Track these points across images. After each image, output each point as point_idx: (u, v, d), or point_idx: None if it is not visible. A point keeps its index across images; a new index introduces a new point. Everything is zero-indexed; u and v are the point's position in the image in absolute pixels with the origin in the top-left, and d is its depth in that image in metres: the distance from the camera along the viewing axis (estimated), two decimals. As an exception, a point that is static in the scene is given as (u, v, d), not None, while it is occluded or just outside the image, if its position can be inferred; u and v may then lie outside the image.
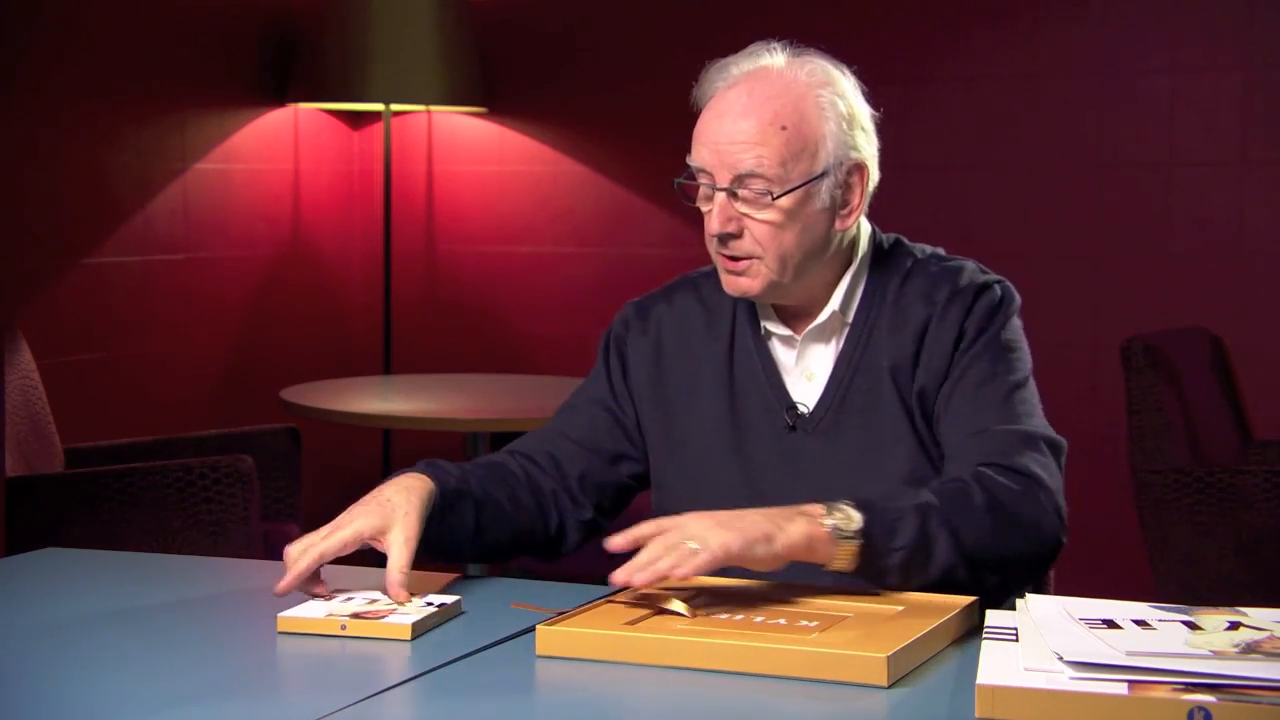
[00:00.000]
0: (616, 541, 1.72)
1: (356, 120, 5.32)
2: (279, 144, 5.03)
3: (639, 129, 4.87)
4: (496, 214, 5.24)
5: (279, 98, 4.98)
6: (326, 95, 4.90)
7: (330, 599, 1.79)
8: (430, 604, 1.75)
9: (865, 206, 2.03)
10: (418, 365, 5.24)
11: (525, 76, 5.14)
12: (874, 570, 1.75)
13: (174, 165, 4.62)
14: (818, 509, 1.74)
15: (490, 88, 5.10)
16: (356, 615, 1.71)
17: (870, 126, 2.03)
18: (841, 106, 1.97)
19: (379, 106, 5.02)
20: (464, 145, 5.26)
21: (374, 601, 1.77)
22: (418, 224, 5.30)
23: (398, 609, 1.73)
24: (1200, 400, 4.04)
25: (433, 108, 5.14)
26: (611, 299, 2.54)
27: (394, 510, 1.84)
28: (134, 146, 4.48)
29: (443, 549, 1.93)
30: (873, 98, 2.06)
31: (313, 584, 1.81)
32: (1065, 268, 4.59)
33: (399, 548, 1.80)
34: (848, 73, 2.02)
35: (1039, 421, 1.95)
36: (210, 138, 4.75)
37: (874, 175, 2.03)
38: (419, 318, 5.29)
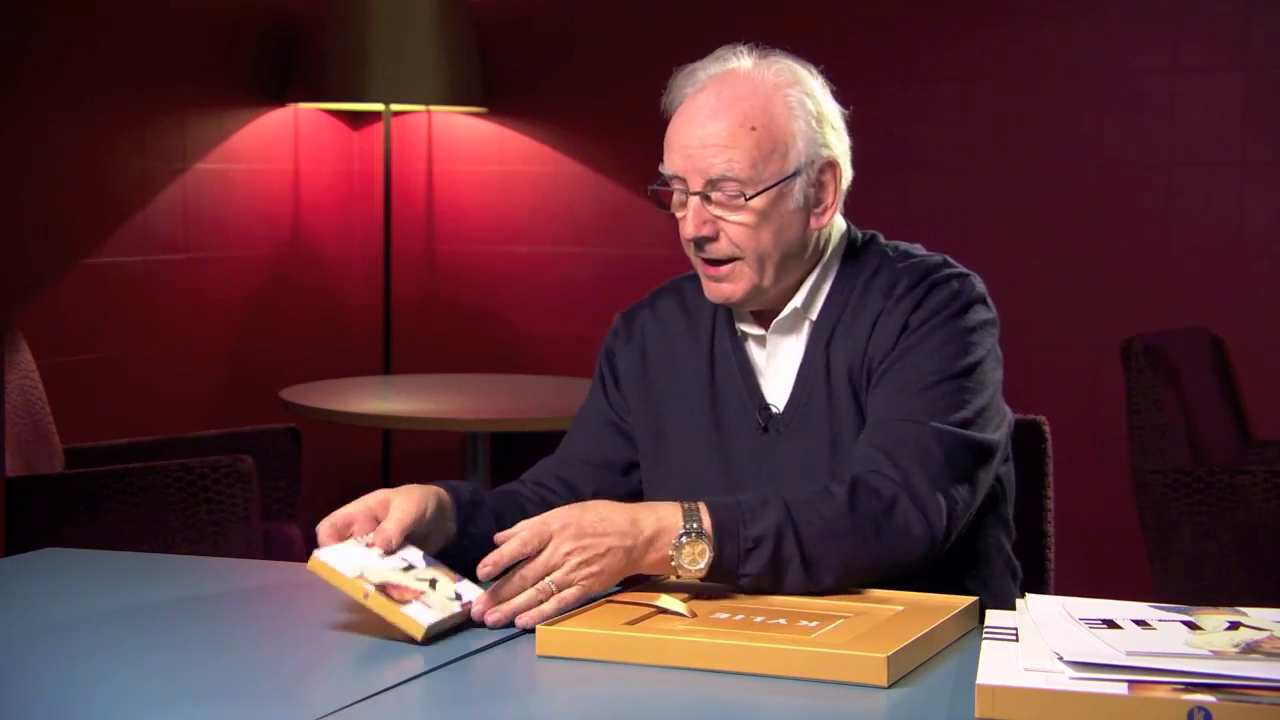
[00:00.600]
0: (486, 570, 1.72)
1: (356, 120, 5.32)
2: (279, 144, 5.03)
3: (639, 129, 4.84)
4: (496, 214, 5.24)
5: (279, 98, 4.98)
6: (326, 95, 4.90)
7: (370, 547, 1.76)
8: (458, 596, 1.73)
9: (839, 205, 2.00)
10: (418, 365, 5.24)
11: (525, 76, 5.14)
12: (723, 581, 1.77)
13: (174, 165, 4.62)
14: (671, 534, 1.73)
15: (490, 88, 5.10)
16: (384, 586, 1.69)
17: (840, 125, 2.00)
18: (810, 105, 1.95)
19: (379, 106, 5.02)
20: (464, 145, 5.26)
21: (409, 569, 1.75)
22: (418, 224, 5.30)
23: (424, 594, 1.70)
24: (1200, 400, 4.04)
25: (433, 108, 5.15)
26: (611, 299, 2.55)
27: (404, 489, 1.85)
28: (134, 146, 4.48)
29: (466, 567, 1.91)
30: (872, 98, 2.06)
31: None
32: (1065, 268, 4.59)
33: (401, 507, 1.80)
34: (815, 72, 1.99)
35: (964, 415, 1.88)
36: (210, 138, 4.75)
37: (847, 173, 2.00)
38: (419, 318, 5.30)
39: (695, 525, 1.74)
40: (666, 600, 1.70)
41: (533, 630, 1.65)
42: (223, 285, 4.82)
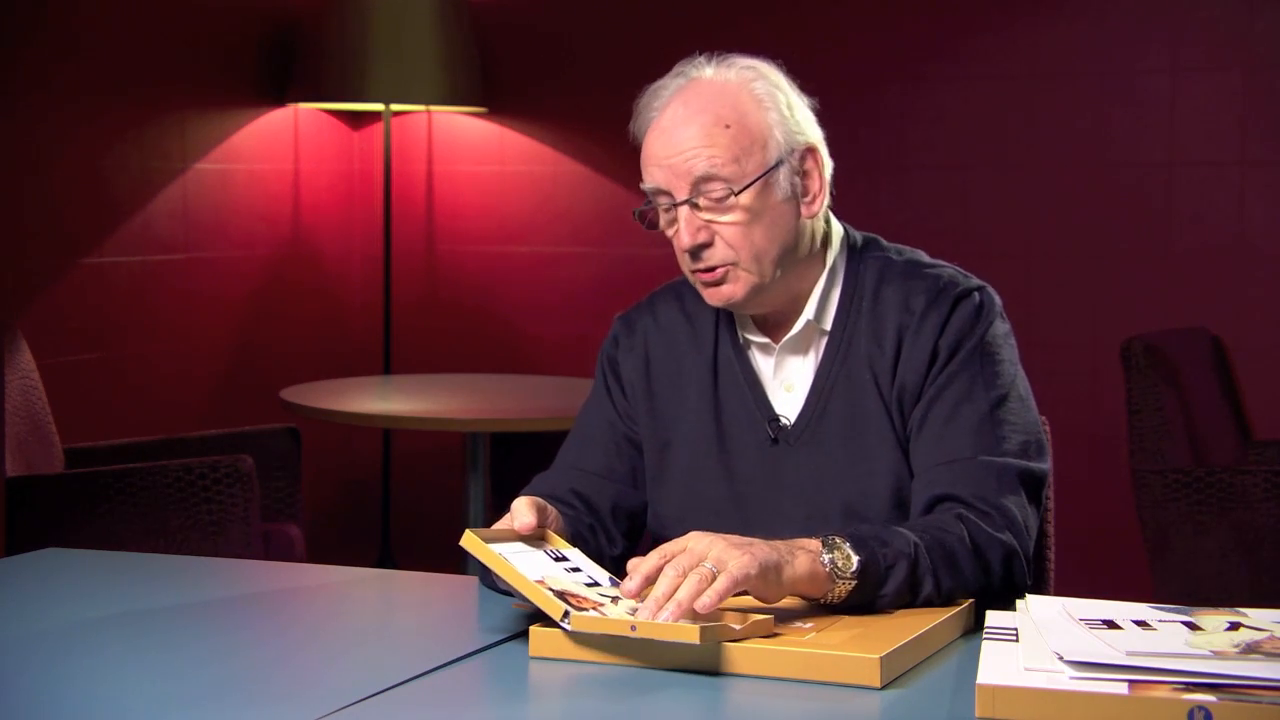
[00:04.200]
0: (630, 588, 1.62)
1: (356, 120, 5.32)
2: (279, 144, 5.03)
3: (639, 129, 4.86)
4: (496, 214, 5.24)
5: (279, 98, 4.98)
6: (326, 95, 4.90)
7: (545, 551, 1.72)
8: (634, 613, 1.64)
9: (827, 193, 1.97)
10: (418, 365, 5.24)
11: (525, 76, 5.14)
12: (861, 606, 1.72)
13: (174, 165, 4.62)
14: (814, 545, 1.69)
15: (490, 88, 5.10)
16: (563, 593, 1.63)
17: (811, 115, 1.98)
18: (780, 95, 1.94)
19: (379, 106, 5.02)
20: (464, 145, 5.26)
21: (593, 585, 1.69)
22: (418, 224, 5.30)
23: (603, 606, 1.63)
24: (1200, 400, 4.04)
25: (433, 108, 5.15)
26: (611, 299, 2.55)
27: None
28: (134, 146, 4.48)
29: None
30: (872, 98, 2.06)
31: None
32: (1065, 268, 4.59)
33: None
34: (776, 67, 1.98)
35: (1020, 442, 1.89)
36: (210, 138, 4.75)
37: (828, 161, 1.98)
38: (419, 318, 5.30)
39: (833, 540, 1.69)
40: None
41: (516, 635, 1.64)
42: (223, 285, 4.82)
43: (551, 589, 1.65)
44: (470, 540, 1.68)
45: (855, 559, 1.68)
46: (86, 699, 1.50)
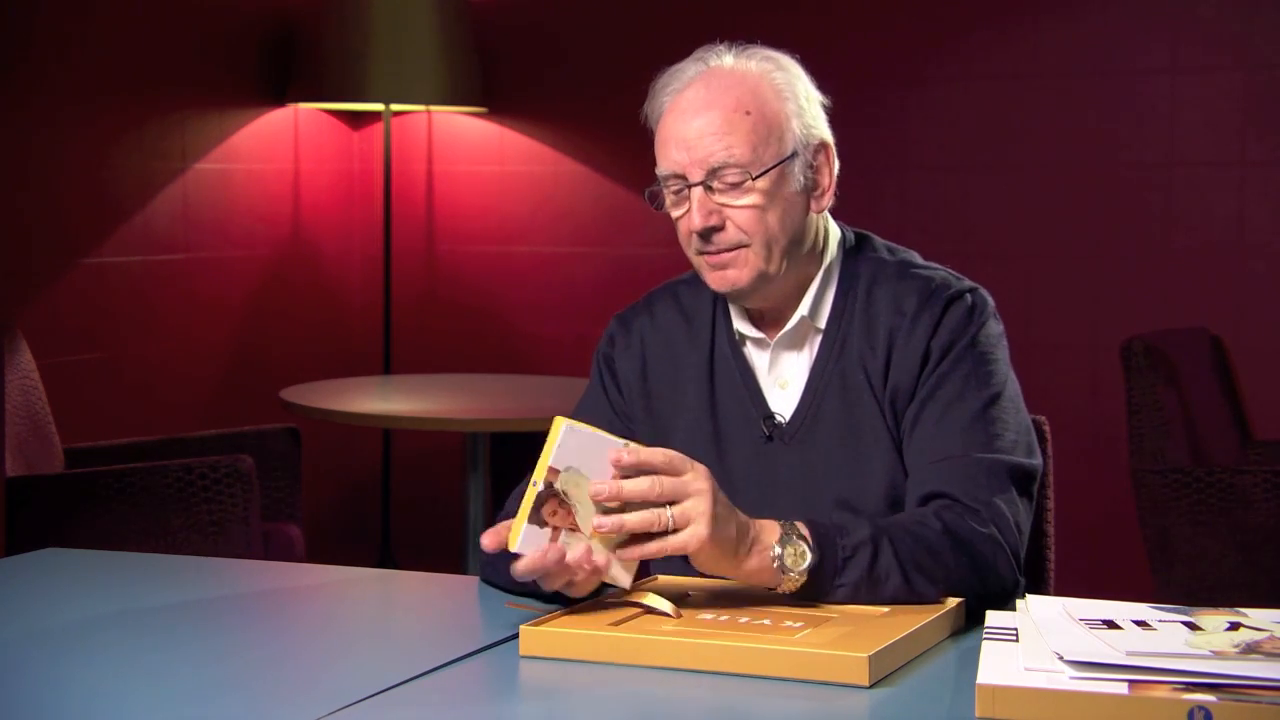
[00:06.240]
0: (619, 458, 1.66)
1: (356, 120, 5.32)
2: (279, 144, 5.03)
3: (639, 129, 4.86)
4: (496, 214, 5.24)
5: (279, 98, 4.98)
6: (326, 95, 4.90)
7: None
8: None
9: (834, 191, 1.99)
10: (418, 365, 5.24)
11: (525, 76, 5.14)
12: (817, 597, 1.73)
13: (174, 165, 4.62)
14: (773, 536, 1.70)
15: (490, 88, 5.10)
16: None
17: (824, 114, 1.99)
18: (799, 87, 1.96)
19: (379, 106, 5.02)
20: (464, 145, 5.26)
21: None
22: (418, 224, 5.30)
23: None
24: (1200, 400, 4.04)
25: (433, 108, 5.15)
26: (611, 299, 2.54)
27: None
28: (134, 146, 4.48)
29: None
30: (872, 98, 2.07)
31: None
32: (1065, 268, 4.59)
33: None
34: (795, 61, 2.00)
35: (1012, 440, 1.89)
36: (210, 138, 4.75)
37: (836, 161, 1.99)
38: (419, 318, 5.30)
39: (793, 532, 1.71)
40: (653, 599, 1.69)
41: (516, 634, 1.64)
42: (223, 285, 4.82)
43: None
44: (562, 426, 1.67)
45: (809, 556, 1.70)
46: (86, 699, 1.50)
